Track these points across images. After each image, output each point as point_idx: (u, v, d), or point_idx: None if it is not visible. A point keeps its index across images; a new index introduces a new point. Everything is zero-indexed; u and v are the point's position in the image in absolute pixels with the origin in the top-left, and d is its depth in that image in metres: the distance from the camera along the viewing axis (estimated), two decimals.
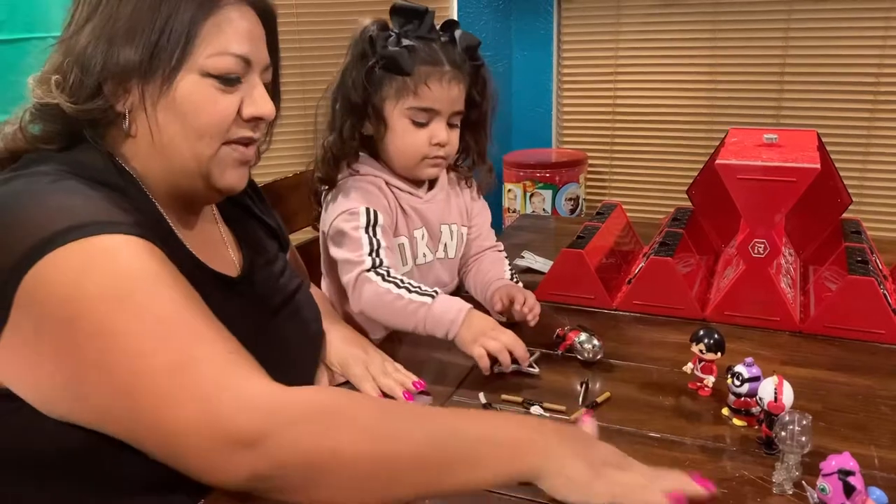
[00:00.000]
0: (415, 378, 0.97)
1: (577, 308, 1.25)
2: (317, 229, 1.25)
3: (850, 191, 1.36)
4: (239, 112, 0.79)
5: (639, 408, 0.93)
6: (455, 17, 3.02)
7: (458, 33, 1.15)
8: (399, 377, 0.97)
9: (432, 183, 1.23)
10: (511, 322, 1.13)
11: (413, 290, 1.06)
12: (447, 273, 1.26)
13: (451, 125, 1.15)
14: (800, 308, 1.19)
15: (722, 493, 0.75)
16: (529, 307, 1.12)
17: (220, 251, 0.89)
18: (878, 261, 1.26)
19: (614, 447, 0.70)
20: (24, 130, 0.76)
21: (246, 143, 0.81)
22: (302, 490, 0.63)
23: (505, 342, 0.99)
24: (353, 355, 1.01)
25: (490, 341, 0.99)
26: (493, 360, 1.00)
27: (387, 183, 1.17)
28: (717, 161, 1.13)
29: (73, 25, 0.74)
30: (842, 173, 1.35)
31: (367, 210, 1.12)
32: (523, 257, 1.46)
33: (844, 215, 1.38)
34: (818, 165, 1.07)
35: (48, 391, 0.65)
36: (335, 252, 1.14)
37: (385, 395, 0.95)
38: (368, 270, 1.08)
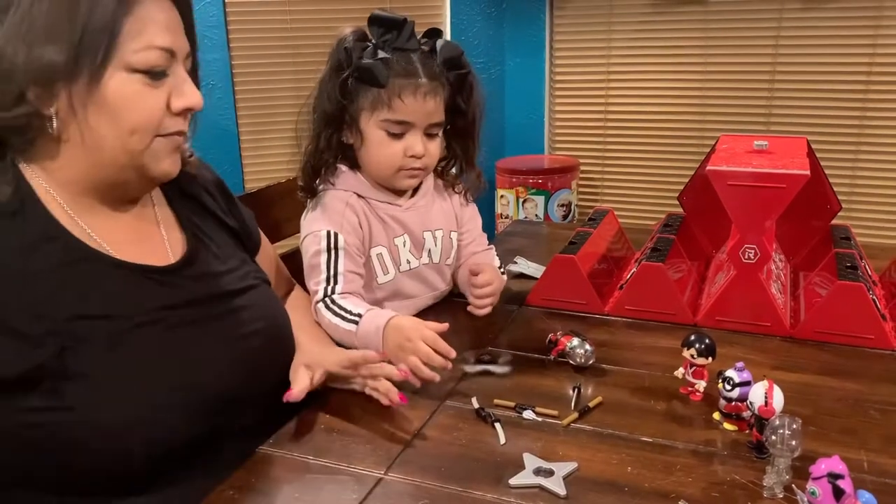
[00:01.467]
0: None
1: (569, 313, 1.25)
2: None
3: (839, 197, 1.37)
4: (168, 105, 0.78)
5: (631, 412, 0.93)
6: (448, 25, 3.03)
7: (439, 43, 1.14)
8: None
9: (415, 190, 1.23)
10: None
11: (346, 318, 1.08)
12: (438, 277, 1.26)
13: (429, 135, 1.15)
14: (790, 313, 1.20)
15: (713, 497, 0.76)
16: (479, 295, 1.16)
17: (151, 241, 0.88)
18: (867, 267, 1.27)
19: None
20: None
21: (178, 134, 0.82)
22: None
23: (421, 354, 0.96)
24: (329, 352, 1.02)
25: (409, 357, 0.96)
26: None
27: (360, 195, 1.17)
28: (708, 167, 1.13)
29: None
30: (831, 180, 1.36)
31: (328, 233, 1.13)
32: (516, 263, 1.46)
33: (834, 221, 1.39)
34: (808, 172, 1.08)
35: None
36: (305, 275, 1.17)
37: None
38: (319, 301, 1.11)
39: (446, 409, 0.94)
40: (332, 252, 1.13)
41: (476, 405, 0.94)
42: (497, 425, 0.89)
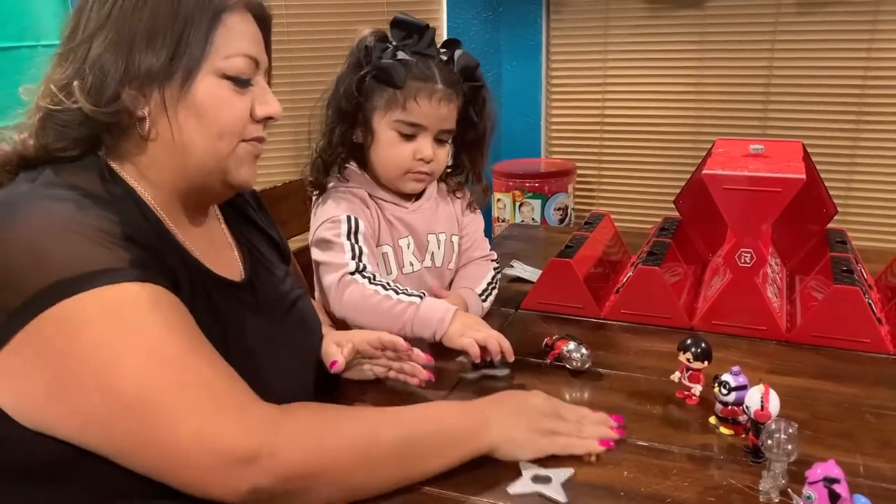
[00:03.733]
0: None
1: (565, 317, 1.25)
2: None
3: (835, 201, 1.38)
4: (251, 112, 0.82)
5: (627, 416, 0.93)
6: (444, 28, 3.04)
7: (457, 53, 1.16)
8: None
9: (420, 193, 1.24)
10: None
11: (400, 292, 1.08)
12: (436, 282, 1.26)
13: (439, 141, 1.16)
14: (786, 317, 1.20)
15: (709, 502, 0.76)
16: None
17: (225, 255, 0.90)
18: (863, 270, 1.27)
19: (543, 394, 0.88)
20: (37, 138, 0.76)
21: (259, 140, 0.85)
22: (297, 497, 0.69)
23: (491, 332, 1.02)
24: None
25: (477, 332, 1.02)
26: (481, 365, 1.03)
27: (370, 195, 1.18)
28: (704, 171, 1.14)
29: (81, 34, 0.75)
30: (827, 183, 1.36)
31: (349, 218, 1.13)
32: (512, 266, 1.46)
33: (830, 225, 1.39)
34: (803, 176, 1.08)
35: (28, 405, 0.67)
36: (318, 255, 1.15)
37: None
38: (353, 273, 1.09)
39: None
40: (354, 235, 1.13)
41: None
42: None
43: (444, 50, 1.16)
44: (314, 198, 1.21)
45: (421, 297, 1.07)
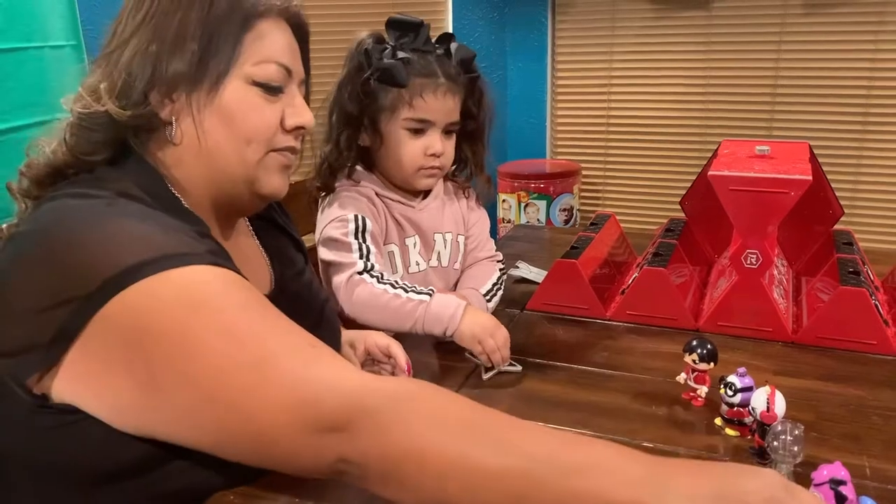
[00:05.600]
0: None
1: (570, 318, 1.25)
2: None
3: (841, 202, 1.37)
4: (281, 122, 0.81)
5: (632, 417, 0.93)
6: (450, 30, 3.04)
7: (453, 46, 1.16)
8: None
9: (427, 191, 1.24)
10: None
11: (410, 289, 1.08)
12: (441, 282, 1.26)
13: (446, 134, 1.17)
14: (792, 318, 1.20)
15: None
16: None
17: (255, 264, 0.90)
18: (869, 272, 1.27)
19: (772, 476, 0.56)
20: (66, 144, 0.76)
21: (290, 150, 0.84)
22: (381, 481, 0.61)
23: (499, 342, 1.03)
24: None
25: (488, 339, 1.02)
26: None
27: (377, 194, 1.18)
28: (710, 172, 1.13)
29: (116, 40, 0.76)
30: (833, 185, 1.36)
31: (356, 217, 1.14)
32: (518, 267, 1.46)
33: (836, 226, 1.39)
34: (810, 177, 1.08)
35: (117, 405, 0.66)
36: (325, 255, 1.15)
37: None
38: (361, 273, 1.10)
39: None
40: (362, 234, 1.13)
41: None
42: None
43: (440, 45, 1.17)
44: (321, 198, 1.21)
45: (431, 294, 1.07)
